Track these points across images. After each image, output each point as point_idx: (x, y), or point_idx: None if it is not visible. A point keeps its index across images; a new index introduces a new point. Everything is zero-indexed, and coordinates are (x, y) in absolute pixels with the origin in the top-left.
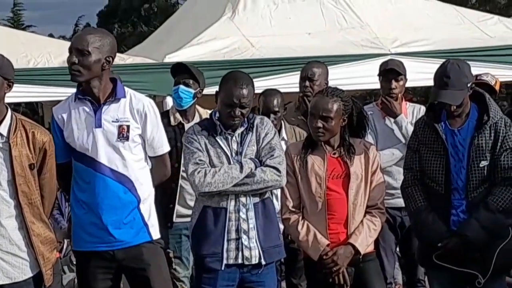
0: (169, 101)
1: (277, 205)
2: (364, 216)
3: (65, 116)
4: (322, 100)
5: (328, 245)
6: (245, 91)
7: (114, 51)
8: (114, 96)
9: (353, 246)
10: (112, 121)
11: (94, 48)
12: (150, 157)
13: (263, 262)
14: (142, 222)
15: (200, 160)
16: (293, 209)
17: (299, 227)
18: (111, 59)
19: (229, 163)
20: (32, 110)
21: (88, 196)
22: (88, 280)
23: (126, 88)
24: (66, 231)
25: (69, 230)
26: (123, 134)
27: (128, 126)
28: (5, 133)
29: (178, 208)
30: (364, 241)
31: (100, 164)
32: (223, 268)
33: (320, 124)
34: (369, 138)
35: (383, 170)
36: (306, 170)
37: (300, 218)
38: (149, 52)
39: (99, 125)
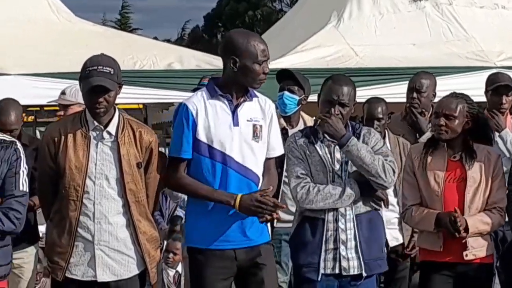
0: None
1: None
2: None
3: (200, 110)
4: (447, 100)
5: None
6: (344, 89)
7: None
8: (247, 96)
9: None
10: (247, 120)
11: None
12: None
13: (364, 274)
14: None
15: (302, 174)
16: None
17: (414, 210)
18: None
19: (327, 172)
20: (134, 111)
21: None
22: (206, 279)
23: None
24: (166, 232)
25: (169, 231)
26: (256, 133)
27: (261, 126)
28: (113, 132)
29: (279, 213)
30: (475, 224)
31: (234, 161)
32: (320, 279)
33: (442, 122)
34: None
35: None
36: (425, 169)
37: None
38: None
39: (236, 123)
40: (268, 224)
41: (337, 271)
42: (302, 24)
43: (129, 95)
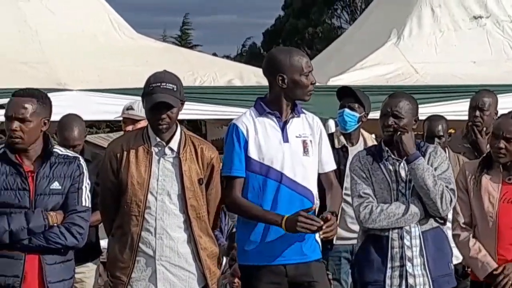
0: (331, 124)
1: None
2: None
3: (250, 129)
4: (506, 121)
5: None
6: (399, 102)
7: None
8: (295, 112)
9: None
10: (296, 136)
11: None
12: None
13: None
14: (315, 238)
15: (365, 193)
16: (464, 226)
17: (470, 244)
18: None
19: (390, 190)
20: (194, 127)
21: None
22: None
23: None
24: (225, 248)
25: (228, 248)
26: (306, 149)
27: (310, 141)
28: (175, 148)
29: (339, 231)
30: None
31: (286, 177)
32: None
33: (502, 145)
34: None
35: None
36: (480, 189)
37: (471, 236)
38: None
39: (286, 140)
40: (320, 241)
41: None
42: (362, 42)
43: (189, 111)
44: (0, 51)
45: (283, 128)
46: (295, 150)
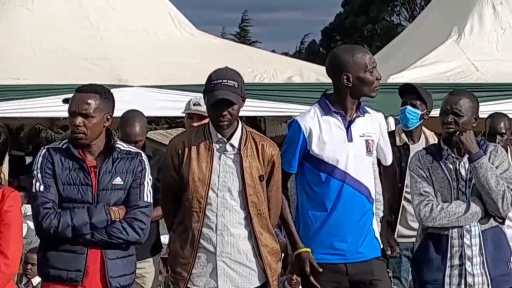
0: (391, 122)
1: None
2: None
3: (314, 128)
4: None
5: None
6: (459, 100)
7: None
8: (360, 112)
9: None
10: (360, 136)
11: None
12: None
13: None
14: (375, 236)
15: (425, 192)
16: None
17: None
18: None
19: (451, 188)
20: (253, 124)
21: (331, 207)
22: None
23: None
24: (285, 245)
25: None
26: (369, 148)
27: (372, 141)
28: (236, 145)
29: (400, 228)
30: None
31: (350, 176)
32: None
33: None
34: None
35: None
36: None
37: None
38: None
39: (350, 139)
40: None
41: (462, 287)
42: (422, 39)
43: (249, 108)
44: (62, 47)
45: (348, 128)
46: (359, 150)
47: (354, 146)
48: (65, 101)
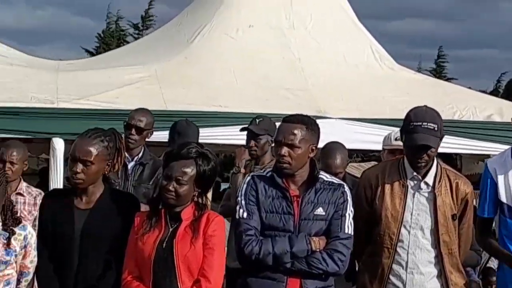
0: None
1: None
2: None
3: (500, 171)
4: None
5: None
6: None
7: None
8: None
9: None
10: None
11: None
12: None
13: None
14: None
15: None
16: None
17: None
18: None
19: None
20: (447, 160)
21: None
22: None
23: None
24: (479, 284)
25: (484, 284)
26: None
27: None
28: (431, 183)
29: None
30: None
31: None
32: None
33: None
34: None
35: None
36: None
37: None
38: None
39: None
40: None
41: None
42: None
43: (445, 144)
44: (265, 77)
45: None
46: None
47: None
48: (243, 129)
